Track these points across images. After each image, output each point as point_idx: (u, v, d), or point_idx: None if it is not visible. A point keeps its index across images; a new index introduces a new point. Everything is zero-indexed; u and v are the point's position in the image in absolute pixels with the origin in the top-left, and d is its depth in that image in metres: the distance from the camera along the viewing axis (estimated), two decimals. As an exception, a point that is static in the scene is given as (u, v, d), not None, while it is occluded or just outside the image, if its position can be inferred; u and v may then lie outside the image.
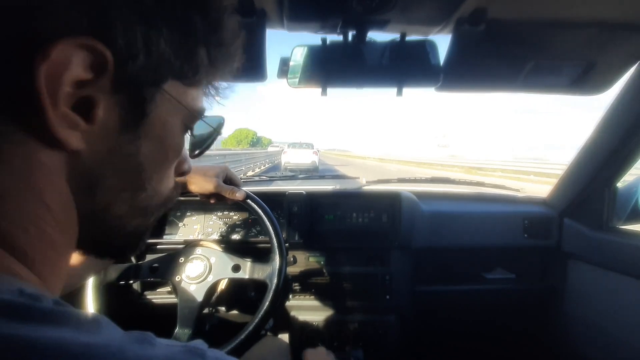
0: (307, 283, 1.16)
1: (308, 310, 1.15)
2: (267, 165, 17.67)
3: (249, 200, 0.81)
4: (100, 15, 0.22)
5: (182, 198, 1.04)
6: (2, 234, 0.22)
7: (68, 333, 0.18)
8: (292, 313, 1.15)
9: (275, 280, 0.77)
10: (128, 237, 0.31)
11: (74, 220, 0.26)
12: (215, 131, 0.40)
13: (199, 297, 0.80)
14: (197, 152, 0.41)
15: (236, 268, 0.82)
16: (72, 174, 0.25)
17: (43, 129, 0.22)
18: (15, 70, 0.21)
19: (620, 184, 1.03)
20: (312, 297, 1.15)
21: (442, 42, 0.69)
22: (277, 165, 18.23)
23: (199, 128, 0.35)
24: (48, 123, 0.21)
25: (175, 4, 0.25)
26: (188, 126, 0.32)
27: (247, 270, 0.81)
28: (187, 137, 0.35)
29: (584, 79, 0.73)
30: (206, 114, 0.33)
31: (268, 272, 0.79)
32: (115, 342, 0.19)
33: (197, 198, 0.80)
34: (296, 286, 1.15)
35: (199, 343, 0.25)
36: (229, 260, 0.83)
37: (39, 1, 0.20)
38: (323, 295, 1.15)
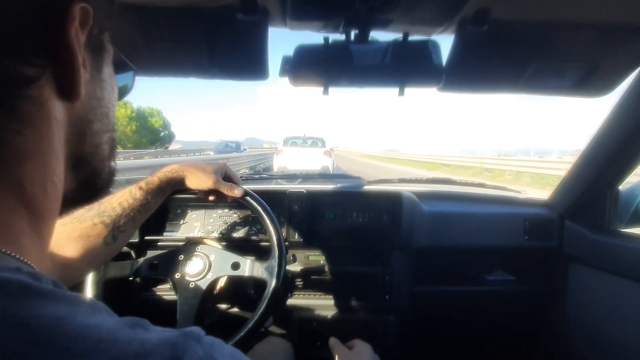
0: (306, 282, 1.16)
1: (307, 308, 1.15)
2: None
3: (247, 197, 0.81)
4: None
5: (180, 195, 1.04)
6: (26, 197, 0.23)
7: (65, 313, 0.18)
8: (292, 311, 1.15)
9: (274, 278, 0.77)
10: (108, 177, 0.33)
11: (65, 169, 0.28)
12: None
13: (199, 294, 0.80)
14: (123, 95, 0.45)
15: (235, 266, 0.82)
16: (70, 124, 0.27)
17: (64, 84, 0.24)
18: (41, 33, 0.22)
19: (622, 187, 1.03)
20: (312, 295, 1.16)
21: (445, 42, 0.68)
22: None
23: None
24: (75, 77, 0.24)
25: None
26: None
27: (247, 268, 0.81)
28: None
29: (588, 81, 0.73)
30: None
31: (267, 270, 0.79)
32: (108, 324, 0.20)
33: (195, 195, 0.80)
34: (296, 284, 1.15)
35: (195, 329, 0.25)
36: (228, 258, 0.83)
37: None
38: (322, 294, 1.16)
